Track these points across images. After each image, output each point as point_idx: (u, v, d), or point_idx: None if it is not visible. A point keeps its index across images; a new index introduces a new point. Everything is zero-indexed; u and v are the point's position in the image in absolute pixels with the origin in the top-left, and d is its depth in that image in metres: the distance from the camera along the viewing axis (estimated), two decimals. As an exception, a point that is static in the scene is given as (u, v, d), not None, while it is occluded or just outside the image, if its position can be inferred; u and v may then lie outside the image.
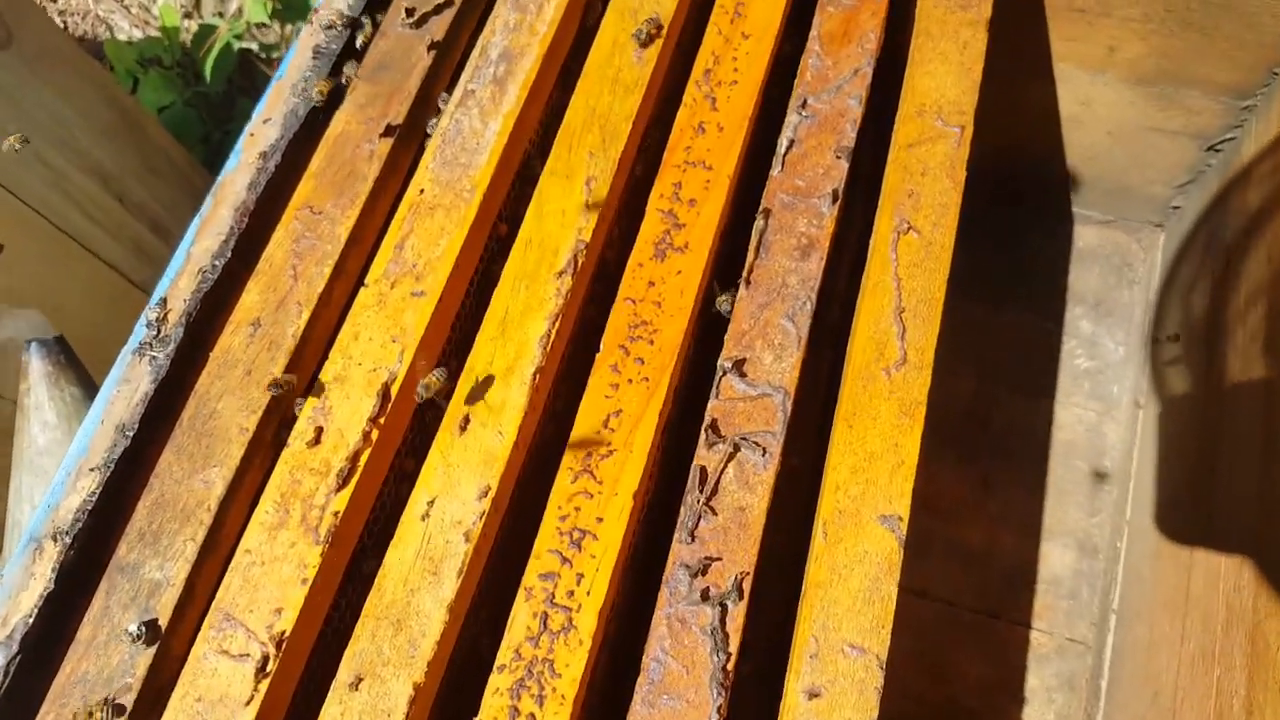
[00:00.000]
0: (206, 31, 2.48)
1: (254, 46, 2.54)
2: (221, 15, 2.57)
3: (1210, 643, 1.18)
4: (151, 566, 0.89)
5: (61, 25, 2.91)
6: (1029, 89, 1.59)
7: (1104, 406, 1.73)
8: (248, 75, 2.58)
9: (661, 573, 0.86)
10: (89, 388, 1.63)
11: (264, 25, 2.50)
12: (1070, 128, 1.67)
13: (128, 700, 0.84)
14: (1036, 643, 1.59)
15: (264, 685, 0.84)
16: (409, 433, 0.99)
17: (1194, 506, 1.37)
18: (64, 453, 1.59)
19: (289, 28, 2.47)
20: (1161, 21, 1.40)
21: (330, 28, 1.09)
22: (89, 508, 0.90)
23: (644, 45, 1.06)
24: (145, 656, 0.86)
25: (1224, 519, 1.24)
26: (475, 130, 1.04)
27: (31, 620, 0.88)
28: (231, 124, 2.51)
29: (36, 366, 1.61)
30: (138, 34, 2.71)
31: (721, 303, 0.96)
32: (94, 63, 2.20)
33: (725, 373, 0.92)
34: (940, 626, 1.60)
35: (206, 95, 2.52)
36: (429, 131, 1.07)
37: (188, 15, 2.64)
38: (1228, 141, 1.56)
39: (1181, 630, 1.27)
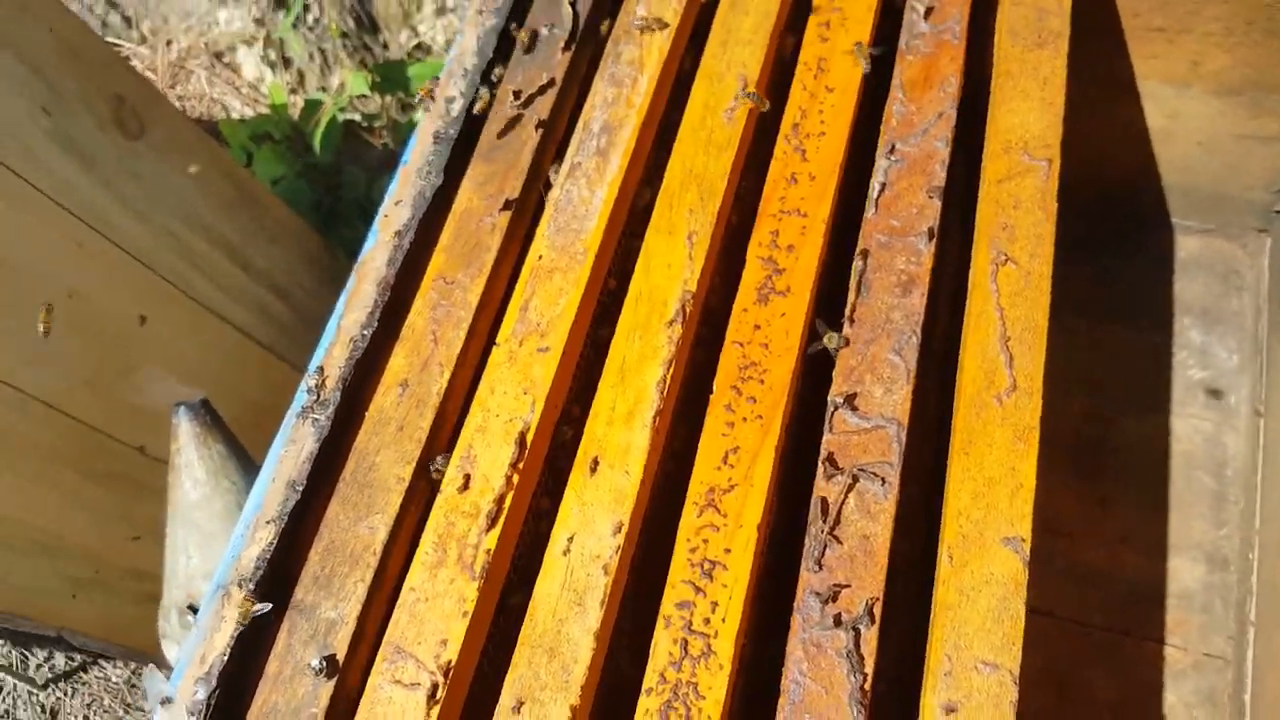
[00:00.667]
0: (312, 107, 2.66)
1: (357, 117, 2.72)
2: (325, 90, 2.75)
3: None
4: (326, 607, 0.99)
5: (181, 109, 3.15)
6: (1115, 109, 1.62)
7: (1221, 416, 1.72)
8: (352, 144, 2.75)
9: (778, 596, 0.92)
10: (233, 445, 1.76)
11: (364, 97, 2.68)
12: (1160, 141, 1.69)
13: (313, 729, 0.94)
14: (1171, 659, 1.58)
15: (435, 711, 0.93)
16: (543, 475, 1.08)
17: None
18: (213, 508, 1.72)
19: (388, 98, 2.64)
20: (1244, 33, 1.42)
21: (449, 111, 1.20)
22: (268, 557, 1.01)
23: (739, 103, 1.14)
24: (326, 688, 0.96)
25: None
26: (584, 199, 1.13)
27: (226, 658, 0.99)
28: (340, 190, 2.69)
29: (185, 428, 1.73)
30: (249, 112, 2.93)
31: (830, 339, 1.03)
32: (214, 144, 2.39)
33: (837, 408, 0.99)
34: (1069, 646, 1.61)
35: (315, 165, 2.71)
36: (544, 201, 1.17)
37: (293, 91, 2.84)
38: (1323, 143, 1.56)
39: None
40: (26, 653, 3.00)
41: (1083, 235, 1.72)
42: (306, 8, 2.49)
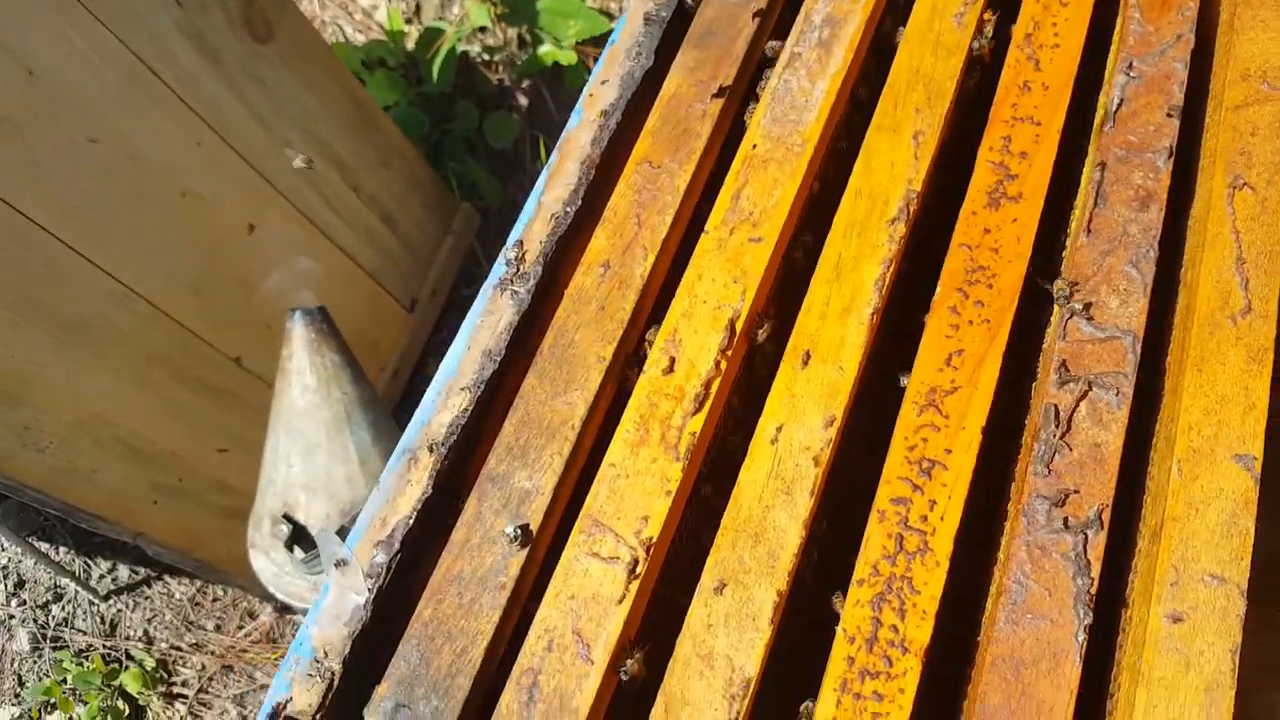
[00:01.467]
0: (431, 35, 2.64)
1: (475, 49, 2.69)
2: (443, 19, 2.73)
3: None
4: (521, 477, 0.96)
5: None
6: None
7: None
8: (467, 77, 2.73)
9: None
10: (347, 355, 1.73)
11: (485, 29, 2.65)
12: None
13: (501, 599, 0.91)
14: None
15: (634, 586, 0.90)
16: (741, 369, 1.04)
17: None
18: (321, 416, 1.69)
19: (511, 32, 2.61)
20: None
21: (658, -2, 1.17)
22: (462, 422, 0.98)
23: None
24: (518, 558, 0.93)
25: None
26: (804, 89, 1.10)
27: (411, 522, 0.96)
28: (451, 123, 2.67)
29: (300, 333, 1.69)
30: (360, 38, 2.91)
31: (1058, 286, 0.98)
32: (338, 60, 2.37)
33: (1074, 314, 0.94)
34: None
35: (428, 95, 2.68)
36: (758, 93, 1.13)
37: (408, 20, 2.82)
38: None
39: None
40: (90, 562, 3.00)
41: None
42: (432, -65, 2.48)
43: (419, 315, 2.63)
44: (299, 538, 1.69)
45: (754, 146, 1.08)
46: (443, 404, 1.01)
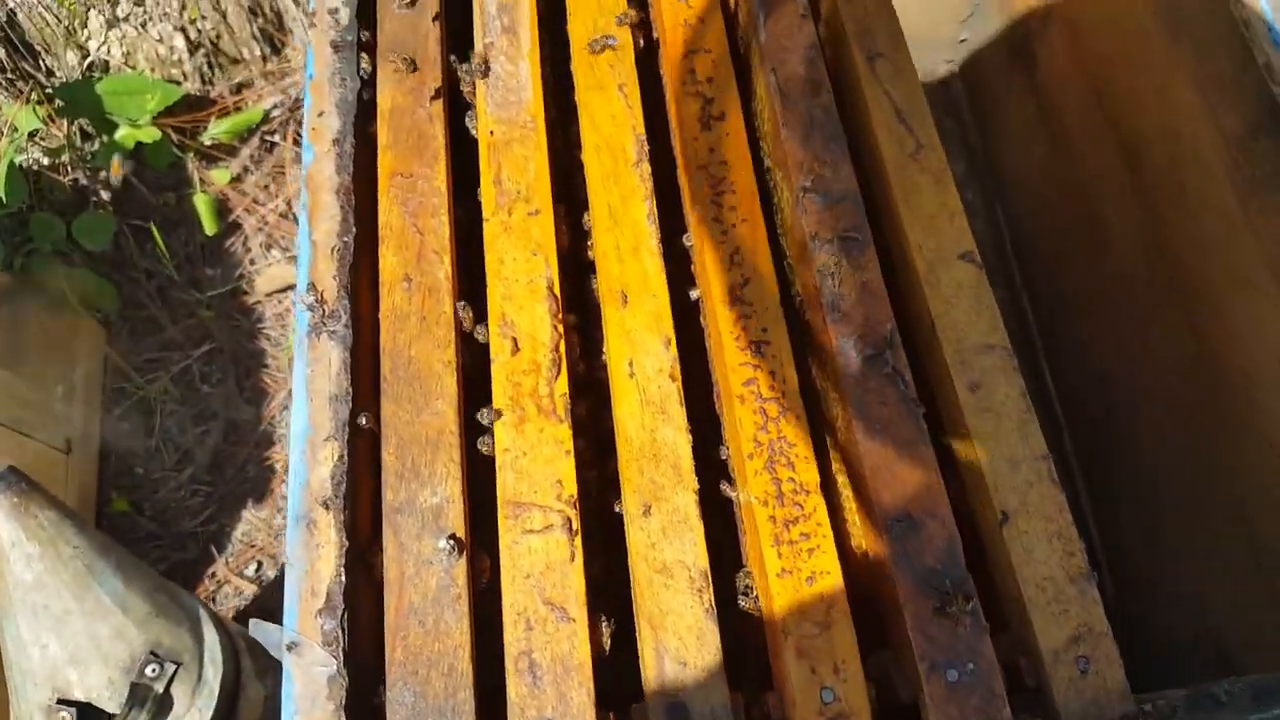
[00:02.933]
0: (-21, 157, 2.30)
1: (34, 154, 2.39)
2: (-18, 137, 2.38)
3: None
4: (425, 495, 0.98)
5: None
6: None
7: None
8: (35, 188, 2.42)
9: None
10: (60, 506, 1.55)
11: (37, 132, 2.36)
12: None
13: (461, 608, 0.94)
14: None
15: (577, 541, 0.97)
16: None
17: None
18: (60, 580, 1.51)
19: (73, 127, 2.35)
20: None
21: (337, 21, 1.19)
22: (345, 469, 0.98)
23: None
24: (460, 566, 0.96)
25: None
26: (510, 73, 1.19)
27: (343, 580, 0.95)
28: (34, 242, 2.36)
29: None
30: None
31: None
32: None
33: (806, 192, 1.14)
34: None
35: (-2, 219, 2.35)
36: (462, 86, 1.20)
37: (-65, 148, 2.43)
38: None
39: None
40: None
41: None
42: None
43: (79, 452, 2.35)
44: (89, 715, 1.51)
45: (491, 133, 1.16)
46: (313, 460, 0.99)
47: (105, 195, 2.51)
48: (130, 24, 2.30)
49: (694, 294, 1.18)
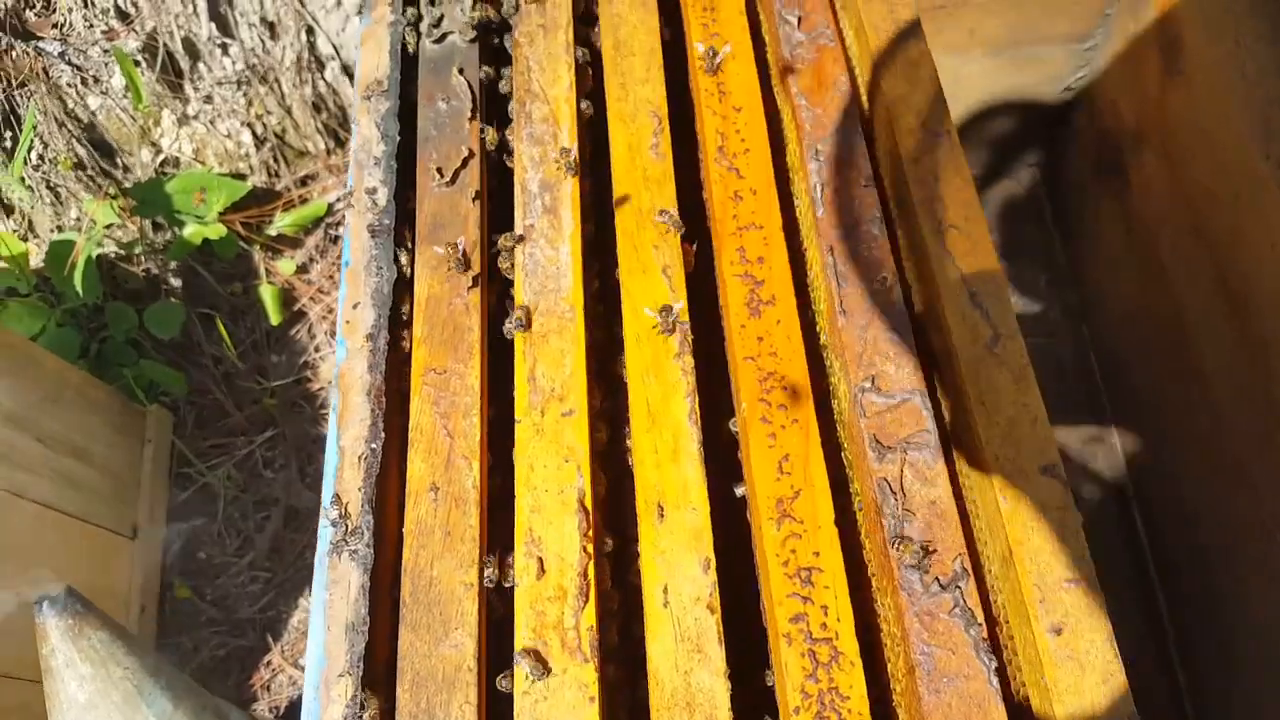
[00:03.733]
0: (62, 248, 2.35)
1: (110, 248, 2.44)
2: (60, 229, 2.44)
3: None
4: (439, 741, 0.91)
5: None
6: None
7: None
8: (110, 279, 2.47)
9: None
10: (113, 627, 1.56)
11: (114, 226, 2.41)
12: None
13: None
14: None
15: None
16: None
17: None
18: (111, 702, 1.52)
19: (145, 223, 2.39)
20: None
21: (375, 203, 1.14)
22: (358, 711, 0.92)
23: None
24: (471, 825, 0.88)
25: None
26: (550, 258, 1.12)
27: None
28: (108, 330, 2.40)
29: (54, 625, 1.52)
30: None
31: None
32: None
33: (864, 392, 1.05)
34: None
35: (74, 311, 2.40)
36: (503, 270, 1.14)
37: (24, 239, 2.49)
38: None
39: None
40: None
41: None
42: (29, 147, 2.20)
43: (144, 538, 2.37)
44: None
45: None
46: (326, 698, 0.93)
47: (176, 283, 2.54)
48: (200, 121, 2.33)
49: (739, 490, 1.10)
